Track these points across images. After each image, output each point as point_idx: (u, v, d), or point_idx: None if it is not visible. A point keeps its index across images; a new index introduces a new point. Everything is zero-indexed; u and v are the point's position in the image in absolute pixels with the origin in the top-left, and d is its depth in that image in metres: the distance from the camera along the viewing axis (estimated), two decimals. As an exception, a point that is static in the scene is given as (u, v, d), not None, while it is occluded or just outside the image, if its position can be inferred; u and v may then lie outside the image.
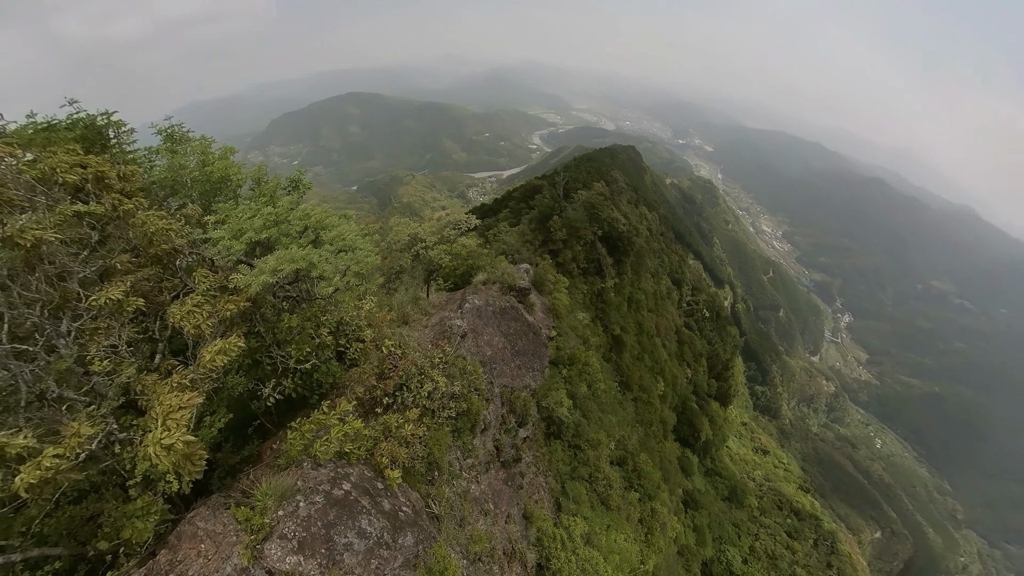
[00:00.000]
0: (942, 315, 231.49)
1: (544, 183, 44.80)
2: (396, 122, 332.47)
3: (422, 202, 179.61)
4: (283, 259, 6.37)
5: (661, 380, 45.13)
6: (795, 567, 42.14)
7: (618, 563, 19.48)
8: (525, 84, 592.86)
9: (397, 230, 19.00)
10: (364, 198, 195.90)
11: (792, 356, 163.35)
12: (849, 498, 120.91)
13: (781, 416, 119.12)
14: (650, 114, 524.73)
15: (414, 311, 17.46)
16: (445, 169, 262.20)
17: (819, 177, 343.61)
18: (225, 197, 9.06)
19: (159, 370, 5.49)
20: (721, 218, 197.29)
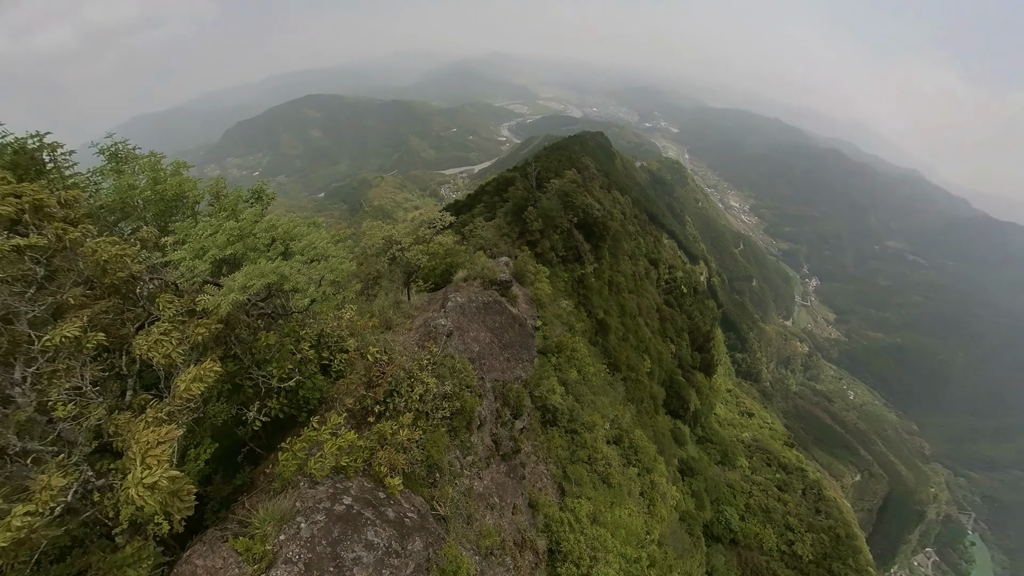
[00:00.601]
0: (898, 272, 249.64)
1: (516, 175, 44.64)
2: (359, 123, 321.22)
3: (394, 204, 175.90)
4: (252, 274, 6.07)
5: (647, 358, 46.29)
6: (787, 517, 44.67)
7: (625, 537, 20.06)
8: (490, 76, 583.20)
9: (370, 234, 18.53)
10: (333, 205, 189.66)
11: (767, 322, 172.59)
12: (829, 447, 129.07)
13: (762, 379, 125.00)
14: (616, 99, 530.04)
15: (396, 315, 17.17)
16: (414, 168, 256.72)
17: (780, 151, 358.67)
18: (182, 216, 8.50)
19: (132, 407, 5.13)
20: (691, 197, 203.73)
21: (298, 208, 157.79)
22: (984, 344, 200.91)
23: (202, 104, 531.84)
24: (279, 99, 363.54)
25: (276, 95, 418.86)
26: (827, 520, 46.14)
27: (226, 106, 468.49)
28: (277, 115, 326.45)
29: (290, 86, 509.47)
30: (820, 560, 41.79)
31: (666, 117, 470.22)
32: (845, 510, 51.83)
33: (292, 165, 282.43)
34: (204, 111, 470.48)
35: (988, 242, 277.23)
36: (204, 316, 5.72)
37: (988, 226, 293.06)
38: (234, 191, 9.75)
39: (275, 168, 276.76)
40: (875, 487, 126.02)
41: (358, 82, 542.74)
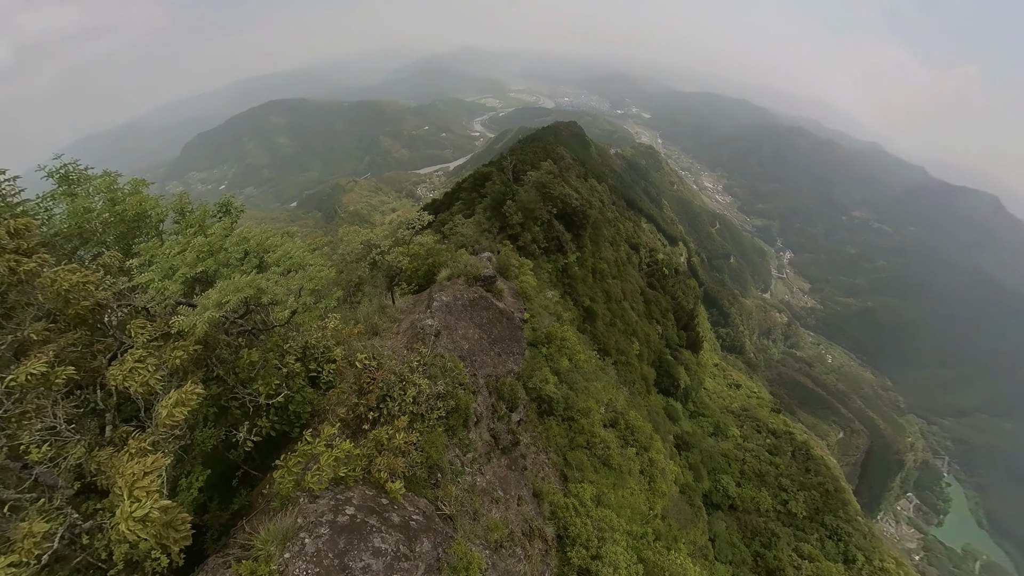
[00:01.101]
0: (865, 240, 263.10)
1: (493, 169, 44.37)
2: (328, 127, 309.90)
3: (370, 208, 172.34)
4: (226, 290, 5.85)
5: (635, 340, 47.17)
6: (780, 479, 46.76)
7: (630, 515, 20.61)
8: (459, 71, 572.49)
9: (348, 240, 18.15)
10: (306, 213, 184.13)
11: (747, 296, 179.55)
12: (813, 409, 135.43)
13: (746, 351, 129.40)
14: (587, 88, 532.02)
15: (382, 320, 16.93)
16: (388, 169, 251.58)
17: (748, 131, 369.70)
18: (146, 236, 8.06)
19: (113, 442, 4.89)
20: (666, 180, 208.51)
21: (270, 220, 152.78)
22: (945, 301, 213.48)
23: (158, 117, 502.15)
24: (240, 107, 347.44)
25: (237, 103, 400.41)
26: (816, 478, 48.46)
27: (184, 118, 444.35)
28: (240, 124, 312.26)
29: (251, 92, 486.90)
30: (813, 515, 43.92)
31: (637, 103, 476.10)
32: (832, 466, 54.49)
33: (260, 175, 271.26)
34: (160, 125, 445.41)
35: (944, 206, 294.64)
36: (180, 339, 5.50)
37: (944, 191, 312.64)
38: (200, 206, 9.33)
39: (242, 180, 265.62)
40: (857, 442, 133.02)
41: (323, 84, 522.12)
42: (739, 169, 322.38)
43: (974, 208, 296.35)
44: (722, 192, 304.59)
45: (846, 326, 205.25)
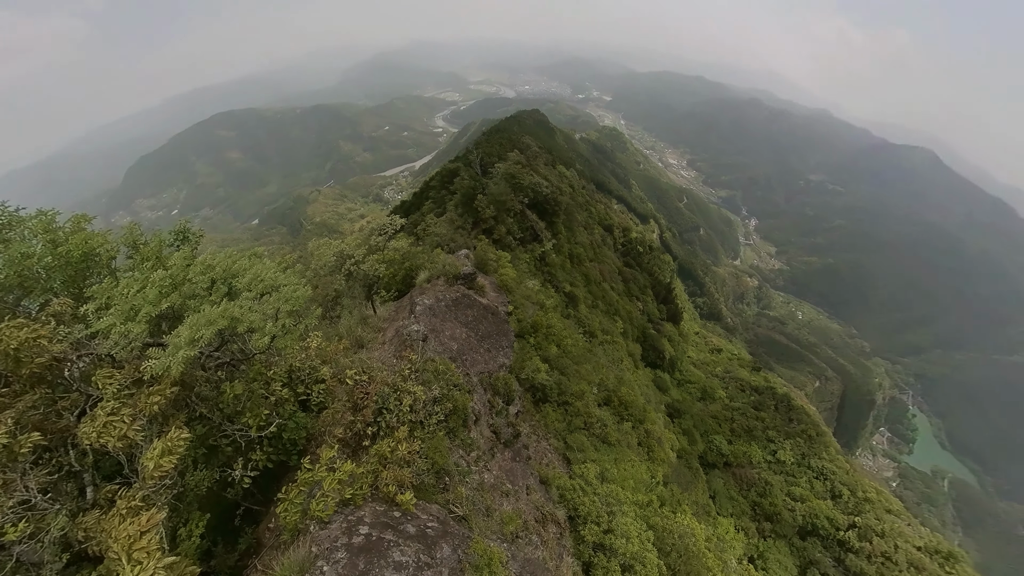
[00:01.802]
0: (821, 201, 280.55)
1: (460, 165, 43.75)
2: (282, 136, 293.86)
3: (337, 216, 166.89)
4: (198, 325, 5.50)
5: (618, 319, 48.17)
6: (767, 431, 49.52)
7: (634, 486, 21.31)
8: (415, 66, 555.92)
9: (319, 253, 17.52)
10: (270, 230, 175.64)
11: (719, 265, 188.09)
12: (789, 363, 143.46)
13: (723, 317, 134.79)
14: (547, 75, 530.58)
15: (366, 331, 16.54)
16: (351, 175, 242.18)
17: (707, 106, 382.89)
18: (99, 276, 7.38)
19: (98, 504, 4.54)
20: (632, 160, 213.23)
21: (232, 241, 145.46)
22: (897, 250, 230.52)
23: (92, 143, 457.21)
24: (183, 123, 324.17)
25: (179, 119, 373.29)
26: (799, 426, 51.47)
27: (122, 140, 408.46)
28: (185, 142, 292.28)
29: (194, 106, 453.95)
30: (800, 460, 46.79)
31: (598, 87, 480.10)
32: (812, 413, 57.92)
33: (214, 195, 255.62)
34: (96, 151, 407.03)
35: (889, 163, 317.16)
36: (155, 383, 5.13)
37: (887, 150, 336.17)
38: (154, 236, 8.67)
39: (196, 202, 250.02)
40: (832, 388, 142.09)
41: (272, 91, 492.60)
42: (700, 144, 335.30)
43: (914, 163, 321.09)
44: (686, 167, 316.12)
45: (811, 283, 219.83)
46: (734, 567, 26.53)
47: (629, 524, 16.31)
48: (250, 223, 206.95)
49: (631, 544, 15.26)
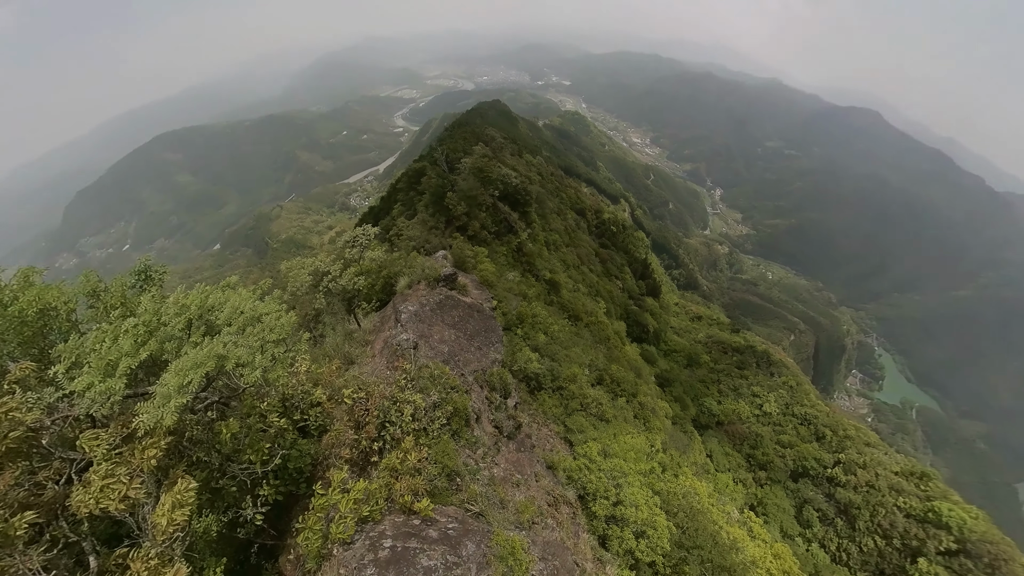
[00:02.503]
0: (780, 166, 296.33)
1: (425, 163, 42.98)
2: (233, 152, 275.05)
3: (304, 231, 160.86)
4: (184, 369, 5.29)
5: (600, 300, 49.06)
6: (752, 387, 52.26)
7: (635, 457, 22.13)
8: (367, 64, 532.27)
9: (294, 274, 17.00)
10: (234, 254, 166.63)
11: (690, 236, 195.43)
12: (765, 321, 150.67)
13: (700, 285, 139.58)
14: (504, 64, 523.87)
15: (353, 347, 16.27)
16: (313, 185, 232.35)
17: (663, 84, 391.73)
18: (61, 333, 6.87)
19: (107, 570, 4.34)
20: (597, 143, 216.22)
21: (195, 271, 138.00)
22: (851, 205, 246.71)
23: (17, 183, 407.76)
24: (120, 150, 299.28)
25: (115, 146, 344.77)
26: (781, 378, 54.39)
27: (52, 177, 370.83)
28: (126, 170, 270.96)
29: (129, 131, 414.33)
30: (784, 410, 49.57)
31: (556, 72, 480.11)
32: (791, 365, 61.15)
33: (168, 224, 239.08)
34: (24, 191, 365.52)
35: (838, 126, 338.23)
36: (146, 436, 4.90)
37: (836, 113, 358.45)
38: (115, 281, 8.12)
39: (148, 233, 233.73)
40: (805, 340, 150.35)
41: (216, 105, 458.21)
42: (661, 120, 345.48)
43: (861, 124, 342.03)
44: (650, 145, 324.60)
45: (778, 244, 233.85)
46: (737, 517, 28.02)
47: (636, 493, 16.95)
48: (211, 249, 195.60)
49: (640, 512, 15.92)
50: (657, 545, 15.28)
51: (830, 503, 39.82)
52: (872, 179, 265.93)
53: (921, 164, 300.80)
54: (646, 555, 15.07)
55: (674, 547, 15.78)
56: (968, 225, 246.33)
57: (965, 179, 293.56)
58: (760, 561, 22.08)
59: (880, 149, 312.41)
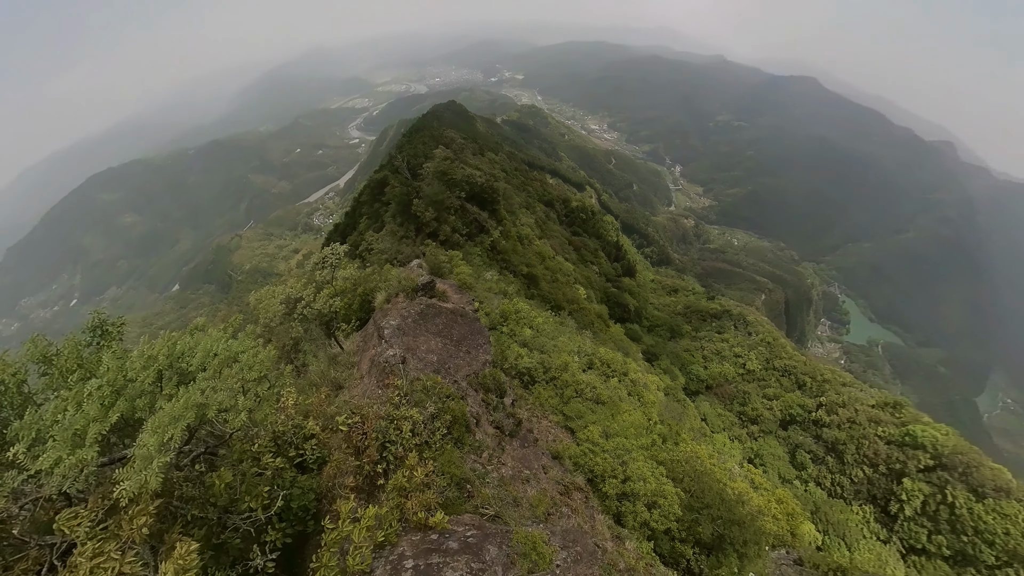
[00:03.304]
0: (731, 138, 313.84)
1: (387, 172, 42.08)
2: (180, 184, 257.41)
3: (268, 258, 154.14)
4: (163, 426, 4.95)
5: (579, 287, 49.75)
6: (733, 349, 54.83)
7: (635, 433, 22.75)
8: (314, 76, 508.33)
9: (265, 305, 16.29)
10: (196, 292, 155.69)
11: (657, 214, 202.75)
12: (737, 285, 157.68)
13: (672, 260, 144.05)
14: (455, 63, 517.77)
15: (339, 371, 15.80)
16: (272, 209, 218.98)
17: (613, 69, 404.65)
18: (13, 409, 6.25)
19: None
20: (556, 133, 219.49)
21: (156, 317, 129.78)
22: (801, 167, 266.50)
23: None
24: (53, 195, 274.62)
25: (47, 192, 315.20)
26: (758, 336, 56.99)
27: None
28: (61, 218, 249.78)
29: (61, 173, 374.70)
30: (766, 365, 52.12)
31: (508, 67, 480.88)
32: (765, 323, 64.14)
33: (117, 271, 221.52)
34: None
35: (780, 94, 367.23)
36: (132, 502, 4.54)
37: (777, 83, 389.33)
38: (67, 342, 7.42)
39: (96, 285, 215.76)
40: (775, 297, 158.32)
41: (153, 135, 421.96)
42: (616, 105, 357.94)
43: (800, 90, 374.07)
44: (608, 130, 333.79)
45: (738, 211, 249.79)
46: (738, 472, 29.32)
47: (642, 467, 17.41)
48: (170, 291, 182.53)
49: (649, 484, 16.38)
50: (669, 512, 15.82)
51: (819, 444, 42.49)
52: (815, 140, 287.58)
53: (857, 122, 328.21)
54: (660, 524, 15.57)
55: (685, 511, 16.38)
56: (904, 173, 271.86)
57: (897, 132, 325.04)
58: (766, 508, 23.23)
59: (820, 112, 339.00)
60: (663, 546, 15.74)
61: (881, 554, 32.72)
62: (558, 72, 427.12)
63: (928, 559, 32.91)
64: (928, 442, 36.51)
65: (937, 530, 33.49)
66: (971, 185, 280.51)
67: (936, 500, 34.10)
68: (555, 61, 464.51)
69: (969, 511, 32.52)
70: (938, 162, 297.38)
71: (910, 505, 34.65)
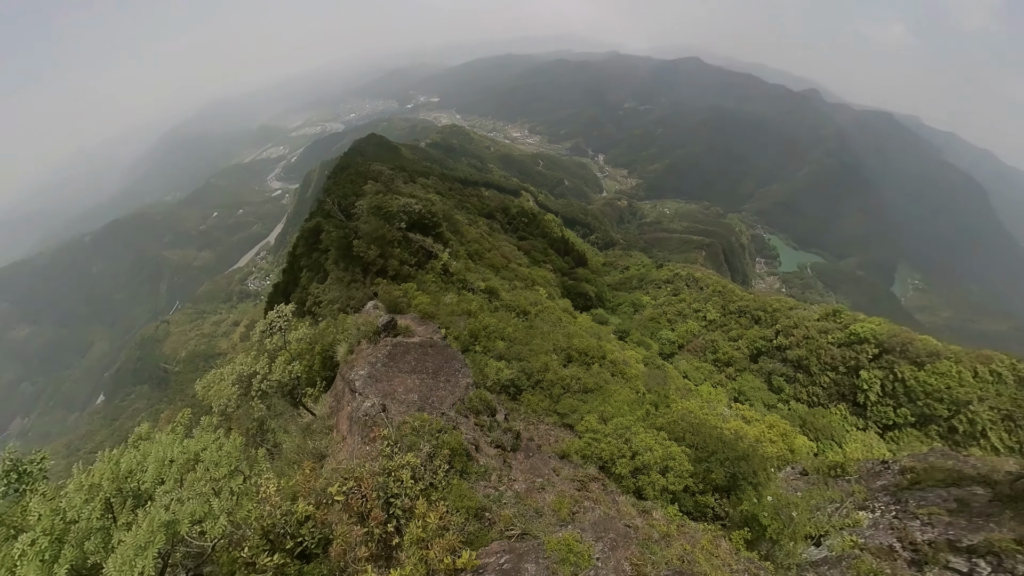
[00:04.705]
0: (641, 122, 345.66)
1: (319, 219, 40.30)
2: (80, 277, 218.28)
3: (206, 339, 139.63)
4: (129, 561, 4.28)
5: (539, 288, 50.64)
6: (692, 306, 58.84)
7: (630, 408, 23.52)
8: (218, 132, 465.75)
9: (216, 391, 14.80)
10: (128, 398, 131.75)
11: (592, 203, 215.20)
12: (679, 249, 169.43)
13: (616, 242, 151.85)
14: (369, 95, 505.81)
15: (318, 440, 14.69)
16: (199, 283, 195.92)
17: (524, 78, 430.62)
18: None
19: None
20: (482, 147, 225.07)
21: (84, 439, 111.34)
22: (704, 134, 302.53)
23: None
24: None
25: None
26: (709, 289, 61.39)
27: None
28: None
29: None
30: (723, 312, 56.34)
31: (423, 92, 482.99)
32: (712, 276, 69.33)
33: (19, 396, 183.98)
34: None
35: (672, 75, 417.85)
36: None
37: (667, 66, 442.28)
38: None
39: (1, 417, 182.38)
40: (714, 251, 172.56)
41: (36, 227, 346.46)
42: (532, 111, 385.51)
43: (688, 69, 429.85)
44: (530, 135, 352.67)
45: (663, 184, 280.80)
46: (729, 413, 31.24)
47: (644, 438, 17.92)
48: (94, 405, 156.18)
49: (655, 451, 16.93)
50: (682, 471, 16.53)
51: (787, 365, 47.02)
52: (711, 109, 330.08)
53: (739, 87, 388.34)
54: (678, 484, 16.23)
55: (695, 464, 17.16)
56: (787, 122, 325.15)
57: (772, 89, 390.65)
58: (762, 436, 25.07)
59: (707, 85, 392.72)
60: (687, 503, 16.33)
61: (865, 441, 37.07)
62: (472, 89, 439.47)
63: (900, 431, 37.81)
64: (869, 335, 42.05)
65: (899, 404, 38.56)
66: (839, 120, 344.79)
67: (890, 380, 39.41)
68: (467, 79, 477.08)
69: (916, 380, 37.88)
70: (810, 107, 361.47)
71: (872, 391, 39.73)
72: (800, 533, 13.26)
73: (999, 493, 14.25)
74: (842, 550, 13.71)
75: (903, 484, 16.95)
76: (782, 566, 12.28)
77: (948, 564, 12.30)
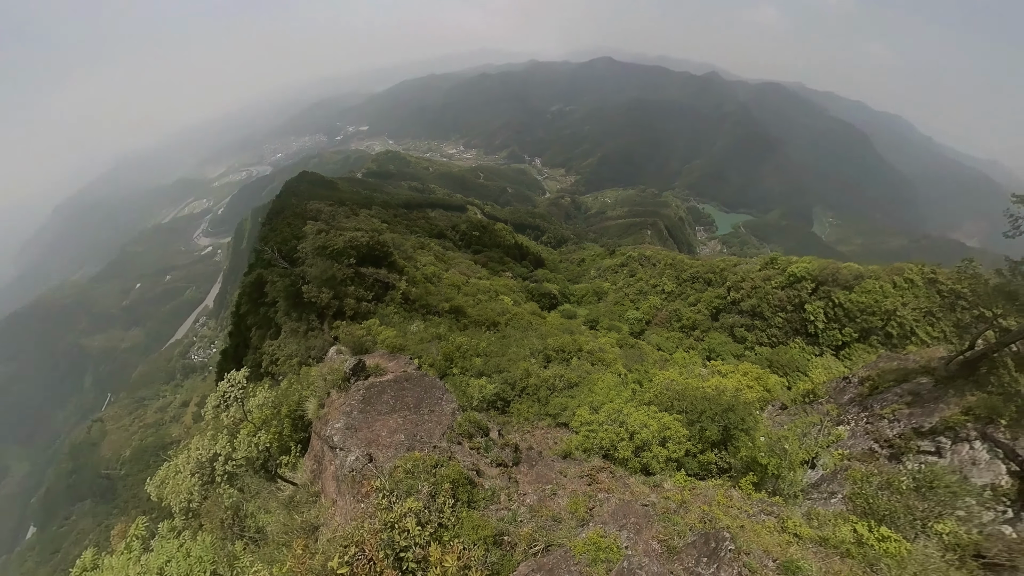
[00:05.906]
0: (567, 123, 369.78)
1: (259, 271, 37.56)
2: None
3: (151, 430, 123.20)
4: None
5: (503, 297, 50.71)
6: (649, 282, 62.17)
7: (617, 393, 24.11)
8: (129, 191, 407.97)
9: (172, 487, 13.07)
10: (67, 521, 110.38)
11: (538, 205, 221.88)
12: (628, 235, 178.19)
13: (567, 238, 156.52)
14: (294, 133, 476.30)
15: (306, 511, 13.36)
16: (131, 369, 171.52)
17: (451, 95, 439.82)
18: None
19: None
20: (420, 168, 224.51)
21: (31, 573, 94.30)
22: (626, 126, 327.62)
23: None
24: None
25: None
26: (661, 264, 65.01)
27: None
28: None
29: None
30: (679, 283, 60.20)
31: (351, 122, 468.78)
32: (661, 252, 73.54)
33: None
34: None
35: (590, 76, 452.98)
36: None
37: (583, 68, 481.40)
38: None
39: None
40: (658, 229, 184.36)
41: None
42: (464, 126, 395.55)
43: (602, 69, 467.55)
44: (466, 150, 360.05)
45: (599, 176, 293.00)
46: (706, 372, 33.11)
47: (637, 416, 18.37)
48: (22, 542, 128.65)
49: (651, 426, 17.39)
50: (679, 437, 17.08)
51: (744, 316, 51.18)
52: (630, 102, 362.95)
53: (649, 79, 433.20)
54: (679, 451, 16.73)
55: (689, 427, 17.80)
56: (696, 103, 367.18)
57: (678, 77, 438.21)
58: (740, 384, 26.71)
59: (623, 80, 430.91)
60: (691, 466, 16.84)
61: (825, 364, 41.38)
62: (401, 113, 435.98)
63: (850, 348, 42.66)
64: (804, 273, 47.28)
65: (842, 325, 43.50)
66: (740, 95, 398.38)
67: (830, 307, 44.46)
68: (395, 103, 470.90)
69: (850, 301, 42.96)
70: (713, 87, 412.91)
71: (818, 320, 44.65)
72: (796, 461, 14.09)
73: (939, 377, 16.01)
74: (834, 466, 14.79)
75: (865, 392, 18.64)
76: (789, 496, 12.96)
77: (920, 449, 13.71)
